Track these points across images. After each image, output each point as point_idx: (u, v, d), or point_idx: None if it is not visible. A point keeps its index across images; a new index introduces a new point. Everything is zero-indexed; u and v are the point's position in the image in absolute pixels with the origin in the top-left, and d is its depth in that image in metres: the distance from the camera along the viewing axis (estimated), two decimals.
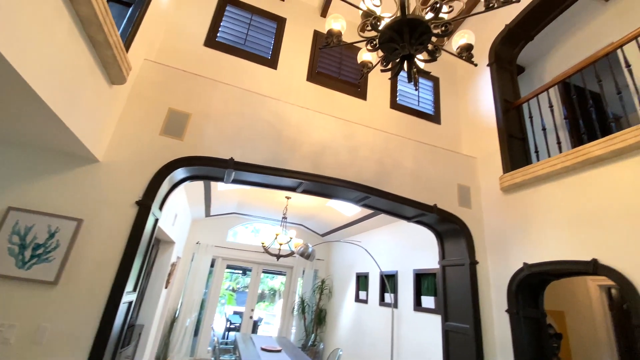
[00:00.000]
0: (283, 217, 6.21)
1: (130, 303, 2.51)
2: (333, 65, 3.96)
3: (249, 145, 2.90)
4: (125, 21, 2.39)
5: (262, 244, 5.96)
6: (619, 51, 2.77)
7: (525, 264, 2.98)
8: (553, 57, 4.43)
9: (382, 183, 3.33)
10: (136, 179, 2.45)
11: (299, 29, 3.99)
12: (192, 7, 3.53)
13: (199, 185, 5.23)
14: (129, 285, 2.34)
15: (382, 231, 6.38)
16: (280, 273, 9.36)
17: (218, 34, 3.54)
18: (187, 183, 3.08)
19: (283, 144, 3.03)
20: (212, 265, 7.96)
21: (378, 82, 4.08)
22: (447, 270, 3.65)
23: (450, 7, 2.16)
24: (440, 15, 2.13)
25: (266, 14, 3.90)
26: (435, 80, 4.58)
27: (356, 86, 3.91)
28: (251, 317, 8.16)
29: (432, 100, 4.47)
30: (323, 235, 8.86)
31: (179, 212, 5.36)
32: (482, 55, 4.08)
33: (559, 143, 2.96)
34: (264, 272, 8.81)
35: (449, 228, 3.67)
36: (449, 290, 3.53)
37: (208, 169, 2.81)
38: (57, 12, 1.52)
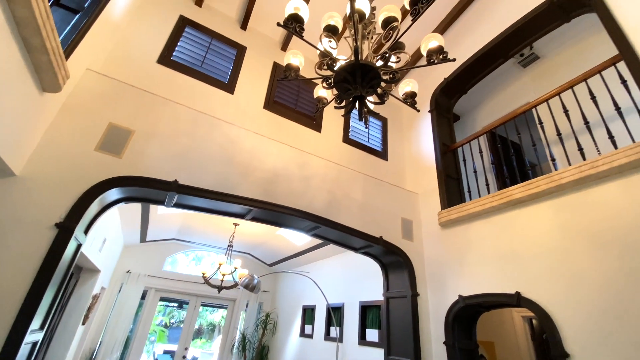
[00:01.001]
0: (229, 245, 5.90)
1: (36, 344, 2.12)
2: (290, 97, 4.07)
3: (196, 168, 2.77)
4: (69, 27, 2.23)
5: (203, 274, 5.55)
6: (533, 110, 3.27)
7: (460, 296, 3.17)
8: (483, 110, 5.07)
9: (333, 213, 3.38)
10: (59, 197, 2.17)
11: (259, 58, 4.08)
12: (148, 23, 3.43)
13: (136, 207, 4.80)
14: (36, 322, 1.98)
15: (331, 262, 6.37)
16: (221, 306, 8.71)
17: (174, 53, 3.46)
18: (121, 205, 2.81)
19: (234, 169, 2.95)
20: (143, 298, 7.15)
21: (332, 116, 4.27)
22: (390, 302, 3.72)
23: (397, 58, 2.40)
24: (389, 63, 2.36)
25: (227, 40, 3.94)
26: (384, 120, 4.93)
27: (312, 118, 4.04)
28: (184, 357, 7.35)
29: (381, 138, 4.78)
30: (271, 265, 8.56)
31: (108, 236, 4.81)
32: (425, 102, 4.52)
33: (487, 185, 3.32)
34: (203, 305, 8.14)
35: (393, 260, 3.79)
36: (392, 323, 3.58)
37: (148, 190, 2.61)
38: None
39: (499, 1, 3.66)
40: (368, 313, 4.91)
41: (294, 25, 2.03)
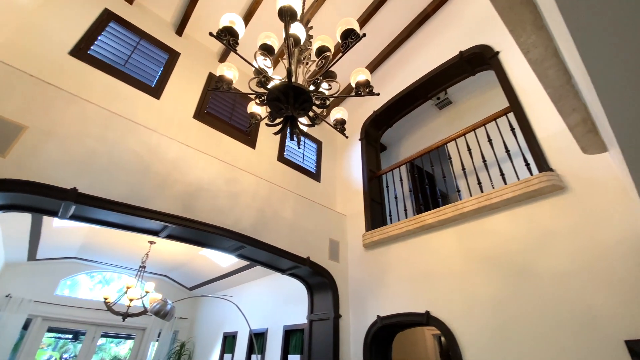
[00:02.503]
0: (141, 266, 5.26)
1: None
2: (225, 109, 3.95)
3: (103, 176, 2.45)
4: None
5: (105, 299, 4.82)
6: (445, 146, 3.71)
7: (378, 316, 3.29)
8: (406, 142, 5.59)
9: (260, 233, 3.27)
10: None
11: (194, 66, 3.91)
12: (65, 10, 3.05)
13: (25, 217, 4.02)
14: None
15: (257, 285, 6.11)
16: (129, 337, 7.59)
17: (92, 47, 3.12)
18: (1, 214, 2.32)
19: (150, 180, 2.69)
20: (25, 328, 5.86)
21: (268, 134, 4.25)
22: (314, 325, 3.68)
23: (329, 85, 2.54)
24: (321, 89, 2.47)
25: (158, 42, 3.70)
26: (320, 143, 5.08)
27: (246, 134, 3.96)
28: None
29: (315, 160, 4.89)
30: (191, 288, 7.85)
31: None
32: (356, 130, 4.81)
33: (405, 210, 3.60)
34: (105, 336, 7.02)
35: (319, 281, 3.80)
36: (314, 347, 3.53)
37: (37, 198, 2.21)
38: None
39: (420, 50, 4.16)
40: (292, 338, 4.77)
41: (227, 37, 2.01)
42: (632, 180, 1.51)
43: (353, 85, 2.33)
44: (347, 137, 2.55)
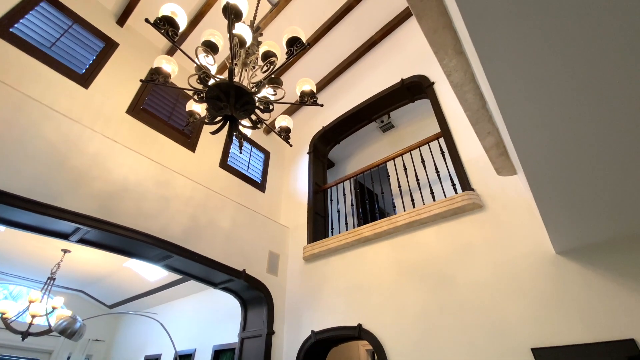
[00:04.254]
0: (49, 278, 4.56)
1: None
2: (164, 108, 3.72)
3: (7, 164, 2.11)
4: None
5: (3, 314, 4.06)
6: (387, 165, 3.90)
7: (312, 331, 3.21)
8: (352, 160, 5.79)
9: (191, 242, 3.05)
10: None
11: (133, 59, 3.66)
12: None
13: None
14: None
15: (188, 302, 5.64)
16: None
17: (16, 25, 2.76)
18: None
19: (65, 174, 2.38)
20: None
21: (212, 139, 4.08)
22: (245, 343, 3.47)
23: (275, 91, 2.54)
24: (265, 94, 2.46)
25: (94, 30, 3.41)
26: (267, 154, 5.02)
27: (186, 135, 3.76)
28: None
29: (262, 170, 4.80)
30: (111, 306, 6.99)
31: None
32: (305, 143, 4.86)
33: (346, 224, 3.66)
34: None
35: (254, 295, 3.62)
36: None
37: None
38: None
39: (367, 73, 4.43)
40: (222, 358, 4.44)
41: (166, 27, 1.91)
42: (535, 201, 1.70)
43: (298, 93, 2.36)
44: (291, 145, 2.56)
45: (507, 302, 2.24)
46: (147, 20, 1.79)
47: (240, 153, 2.86)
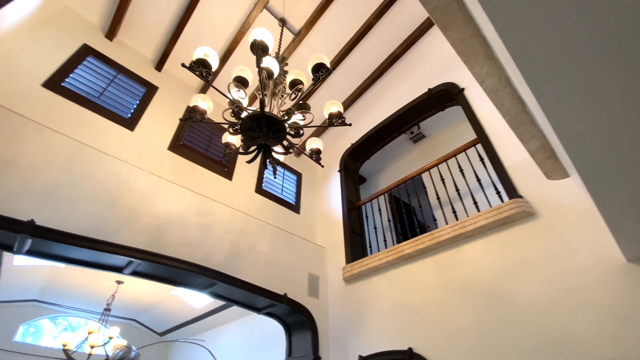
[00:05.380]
0: (106, 309, 4.85)
1: None
2: (202, 141, 3.93)
3: (65, 207, 2.32)
4: None
5: (64, 345, 4.36)
6: (422, 176, 3.79)
7: (360, 357, 3.09)
8: (384, 174, 5.70)
9: (234, 268, 3.12)
10: None
11: (171, 100, 3.94)
12: (42, 45, 3.07)
13: None
14: None
15: (233, 327, 5.71)
16: None
17: (66, 79, 3.11)
18: None
19: (116, 212, 2.56)
20: None
21: (246, 166, 4.22)
22: None
23: (303, 116, 2.60)
24: (295, 120, 2.52)
25: (136, 77, 3.75)
26: (299, 175, 5.09)
27: (222, 165, 3.92)
28: None
29: (295, 191, 4.86)
30: (162, 334, 7.25)
31: None
32: (335, 162, 4.88)
33: (385, 241, 3.56)
34: None
35: (297, 320, 3.58)
36: None
37: None
38: None
39: (392, 88, 4.40)
40: None
41: (200, 69, 2.05)
42: (596, 206, 1.55)
43: (326, 115, 2.39)
44: (322, 166, 2.58)
45: (575, 318, 2.02)
46: (183, 65, 1.93)
47: (275, 178, 2.93)
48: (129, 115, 3.39)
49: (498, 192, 2.81)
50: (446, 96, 3.79)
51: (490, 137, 3.03)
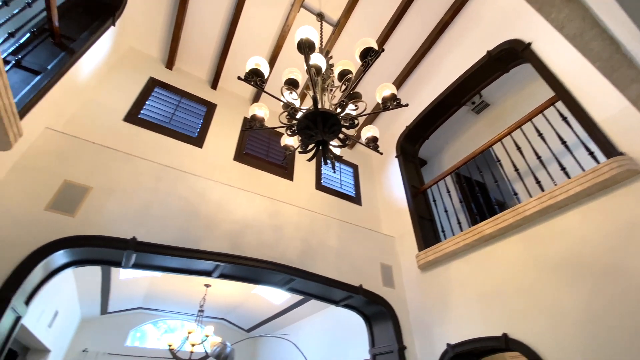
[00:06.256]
0: (199, 310, 5.40)
1: None
2: (261, 148, 4.13)
3: (158, 223, 2.63)
4: (28, 88, 2.23)
5: (169, 346, 4.96)
6: (491, 150, 3.47)
7: (448, 345, 2.96)
8: (447, 153, 5.35)
9: (308, 263, 3.22)
10: None
11: (230, 114, 4.21)
12: (117, 85, 3.51)
13: (96, 274, 4.40)
14: None
15: (314, 320, 5.92)
16: None
17: (142, 111, 3.50)
18: (78, 270, 2.56)
19: (199, 222, 2.82)
20: None
21: (304, 165, 4.33)
22: None
23: (356, 106, 2.55)
24: (348, 111, 2.48)
25: (196, 98, 4.07)
26: (355, 167, 5.05)
27: (283, 168, 4.07)
28: None
29: (353, 183, 4.84)
30: (249, 330, 7.84)
31: (61, 309, 4.30)
32: (391, 148, 4.72)
33: (459, 223, 3.34)
34: None
35: (376, 311, 3.57)
36: None
37: (102, 250, 2.41)
38: None
39: (445, 58, 4.08)
40: None
41: (254, 79, 2.14)
42: None
43: (379, 101, 2.31)
44: (381, 153, 2.51)
45: None
46: (239, 78, 2.02)
47: (335, 172, 2.94)
48: (197, 134, 3.71)
49: (591, 153, 2.44)
50: (509, 56, 3.40)
51: (573, 92, 2.63)
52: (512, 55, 3.36)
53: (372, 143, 2.58)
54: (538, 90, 4.11)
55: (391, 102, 2.27)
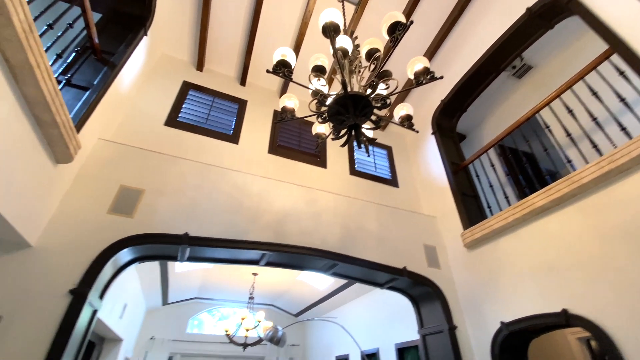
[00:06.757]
0: (250, 298, 5.71)
1: None
2: (293, 139, 4.18)
3: (206, 218, 2.79)
4: (80, 103, 2.43)
5: (226, 331, 5.32)
6: (537, 116, 3.22)
7: (502, 323, 2.87)
8: (487, 124, 5.03)
9: (349, 248, 3.25)
10: (73, 263, 2.20)
11: (260, 108, 4.29)
12: (155, 92, 3.72)
13: (155, 269, 4.80)
14: None
15: (359, 303, 6.01)
16: None
17: (180, 115, 3.69)
18: (140, 266, 2.81)
19: (243, 215, 2.95)
20: None
21: (336, 151, 4.32)
22: (427, 340, 3.40)
23: (387, 85, 2.47)
24: (379, 91, 2.42)
25: (228, 96, 4.19)
26: (389, 149, 4.94)
27: (316, 156, 4.10)
28: None
29: (388, 166, 4.75)
30: (297, 315, 8.16)
31: (129, 302, 4.76)
32: (426, 125, 4.55)
33: (506, 197, 3.16)
34: None
35: (422, 292, 3.54)
36: None
37: (160, 246, 2.62)
38: None
39: (478, 23, 3.79)
40: (406, 355, 4.49)
41: (282, 70, 2.15)
42: None
43: (411, 76, 2.22)
44: (417, 131, 2.43)
45: None
46: (267, 71, 2.04)
47: (368, 156, 2.90)
48: (231, 131, 3.84)
49: None
50: (552, 10, 3.08)
51: (630, 42, 2.34)
52: (555, 9, 3.05)
53: (407, 122, 2.50)
54: (587, 45, 3.71)
55: (424, 77, 2.17)
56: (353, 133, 2.26)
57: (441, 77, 2.07)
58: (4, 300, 1.95)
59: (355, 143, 2.28)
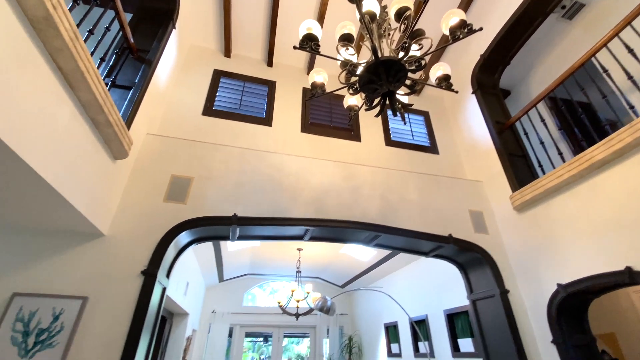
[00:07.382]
0: (297, 271, 6.00)
1: None
2: (324, 115, 4.15)
3: (251, 199, 2.93)
4: (126, 102, 2.61)
5: (279, 303, 5.68)
6: (593, 60, 2.87)
7: (559, 285, 2.75)
8: (535, 77, 4.59)
9: (390, 219, 3.25)
10: (141, 248, 2.45)
11: (289, 88, 4.28)
12: (190, 83, 3.86)
13: (209, 249, 5.18)
14: None
15: (404, 272, 6.06)
16: (304, 335, 8.72)
17: (215, 103, 3.81)
18: (196, 248, 3.06)
19: (284, 194, 3.05)
20: (230, 335, 7.51)
21: (370, 123, 4.23)
22: (478, 305, 3.37)
23: (420, 45, 2.33)
24: (412, 53, 2.29)
25: (257, 80, 4.23)
26: (426, 114, 4.73)
27: (349, 130, 4.05)
28: None
29: (426, 132, 4.57)
30: (342, 286, 8.44)
31: (190, 280, 5.24)
32: (465, 84, 4.26)
33: (560, 154, 2.92)
34: (286, 336, 8.25)
35: (470, 258, 3.47)
36: (485, 328, 3.22)
37: (213, 228, 2.82)
38: (58, 98, 1.68)
39: None
40: (456, 321, 4.51)
41: (309, 44, 2.10)
42: None
43: (447, 32, 2.07)
44: (456, 92, 2.28)
45: None
46: (295, 47, 2.02)
47: (405, 124, 2.80)
48: (264, 114, 3.90)
49: None
50: None
51: None
52: None
53: (444, 82, 2.35)
54: None
55: (461, 30, 2.00)
56: (387, 101, 2.19)
57: (480, 29, 1.92)
58: (89, 283, 2.25)
59: (389, 112, 2.22)
